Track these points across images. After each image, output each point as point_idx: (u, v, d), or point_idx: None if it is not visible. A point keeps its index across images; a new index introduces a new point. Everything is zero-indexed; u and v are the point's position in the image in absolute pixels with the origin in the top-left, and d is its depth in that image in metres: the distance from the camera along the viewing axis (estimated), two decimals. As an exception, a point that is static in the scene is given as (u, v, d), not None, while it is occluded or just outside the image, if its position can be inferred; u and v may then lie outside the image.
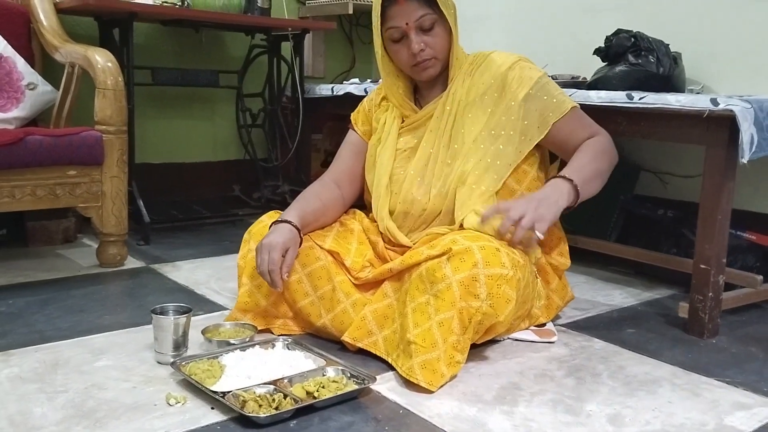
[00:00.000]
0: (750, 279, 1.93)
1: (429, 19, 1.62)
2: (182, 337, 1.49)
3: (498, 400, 1.37)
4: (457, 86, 1.70)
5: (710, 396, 1.42)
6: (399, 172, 1.73)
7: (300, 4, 3.47)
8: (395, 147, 1.74)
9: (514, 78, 1.66)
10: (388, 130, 1.77)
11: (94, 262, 2.26)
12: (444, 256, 1.43)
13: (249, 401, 1.25)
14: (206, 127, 3.24)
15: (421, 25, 1.62)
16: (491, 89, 1.68)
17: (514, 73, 1.67)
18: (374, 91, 1.89)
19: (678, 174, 2.49)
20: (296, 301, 1.63)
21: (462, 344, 1.43)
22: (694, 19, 2.41)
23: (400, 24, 1.62)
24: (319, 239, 1.67)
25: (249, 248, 1.69)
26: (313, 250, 1.64)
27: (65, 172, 2.09)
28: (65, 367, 1.46)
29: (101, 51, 2.25)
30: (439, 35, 1.65)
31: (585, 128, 1.70)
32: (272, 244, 1.55)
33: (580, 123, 1.70)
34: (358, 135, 1.86)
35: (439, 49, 1.66)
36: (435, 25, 1.63)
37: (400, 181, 1.72)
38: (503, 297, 1.42)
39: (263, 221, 1.72)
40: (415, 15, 1.61)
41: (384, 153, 1.75)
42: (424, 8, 1.62)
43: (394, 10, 1.63)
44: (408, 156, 1.73)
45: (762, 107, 1.68)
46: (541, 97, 1.66)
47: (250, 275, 1.67)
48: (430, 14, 1.62)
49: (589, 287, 2.19)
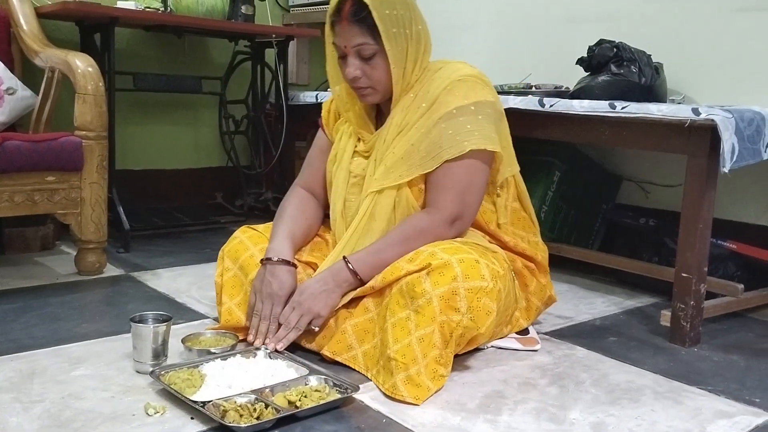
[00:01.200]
0: (731, 288, 1.95)
1: (369, 49, 1.55)
2: (162, 345, 1.47)
3: (482, 409, 1.36)
4: (397, 112, 1.62)
5: (693, 404, 1.43)
6: (351, 199, 1.67)
7: (284, 11, 3.46)
8: (349, 170, 1.68)
9: (443, 101, 1.57)
10: (343, 148, 1.71)
11: (73, 270, 2.23)
12: (423, 271, 1.42)
13: (230, 411, 1.23)
14: (188, 133, 3.22)
15: (360, 53, 1.56)
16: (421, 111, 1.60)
17: (444, 94, 1.58)
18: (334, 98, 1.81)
19: (659, 183, 2.51)
20: None
21: (445, 358, 1.42)
22: (676, 30, 2.43)
23: (340, 44, 1.58)
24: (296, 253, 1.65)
25: (225, 267, 1.68)
26: None
27: (44, 178, 2.06)
28: (42, 377, 1.43)
29: (82, 56, 2.22)
30: (379, 67, 1.57)
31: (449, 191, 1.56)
32: (277, 296, 1.54)
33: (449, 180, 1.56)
34: (327, 139, 1.80)
35: (376, 79, 1.58)
36: (375, 55, 1.56)
37: (352, 211, 1.66)
38: (484, 309, 1.41)
39: (237, 238, 1.71)
40: (353, 41, 1.55)
41: (339, 175, 1.70)
42: (365, 37, 1.54)
43: (337, 28, 1.58)
44: (359, 183, 1.67)
45: (743, 117, 1.70)
46: (443, 129, 1.55)
47: (228, 294, 1.65)
48: (371, 45, 1.55)
49: (571, 295, 2.19)
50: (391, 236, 1.56)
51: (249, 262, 1.65)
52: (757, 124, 1.73)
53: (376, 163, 1.64)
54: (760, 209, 2.28)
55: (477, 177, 1.59)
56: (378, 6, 1.53)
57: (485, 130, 1.57)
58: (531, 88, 2.40)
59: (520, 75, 2.64)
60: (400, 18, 1.56)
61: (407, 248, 1.51)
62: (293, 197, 1.77)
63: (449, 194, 1.56)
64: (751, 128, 1.71)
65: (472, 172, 1.58)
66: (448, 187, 1.56)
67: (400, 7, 1.56)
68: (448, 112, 1.56)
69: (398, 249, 1.53)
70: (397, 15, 1.55)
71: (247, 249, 1.67)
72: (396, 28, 1.55)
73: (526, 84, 2.46)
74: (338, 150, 1.73)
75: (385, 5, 1.54)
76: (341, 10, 1.56)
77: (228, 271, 1.68)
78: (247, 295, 1.63)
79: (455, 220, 1.56)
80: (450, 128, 1.56)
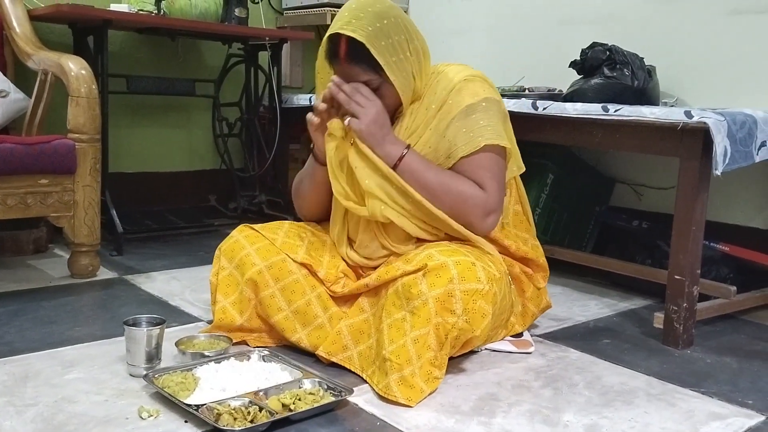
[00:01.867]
0: (724, 290, 1.95)
1: (374, 83, 1.56)
2: (155, 349, 1.47)
3: (476, 411, 1.36)
4: (405, 118, 1.63)
5: (685, 406, 1.43)
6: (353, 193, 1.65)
7: (278, 13, 3.47)
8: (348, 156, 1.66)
9: (453, 102, 1.58)
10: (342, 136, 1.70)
11: (66, 273, 2.23)
12: (420, 272, 1.43)
13: (224, 414, 1.23)
14: (182, 136, 3.22)
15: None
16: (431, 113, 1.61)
17: (454, 95, 1.59)
18: None
19: (652, 186, 2.52)
20: (270, 316, 1.61)
21: (440, 360, 1.42)
22: (668, 34, 2.45)
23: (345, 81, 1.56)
24: (292, 252, 1.64)
25: (221, 266, 1.67)
26: (286, 263, 1.62)
27: (37, 181, 2.06)
28: (35, 380, 1.43)
29: (75, 58, 2.22)
30: (387, 95, 1.57)
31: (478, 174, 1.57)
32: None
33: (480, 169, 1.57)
34: None
35: (387, 105, 1.58)
36: (381, 86, 1.56)
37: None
38: (479, 312, 1.42)
39: (234, 237, 1.70)
40: (358, 79, 1.55)
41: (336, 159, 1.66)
42: (368, 74, 1.54)
43: (337, 69, 1.57)
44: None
45: (735, 120, 1.71)
46: (458, 127, 1.57)
47: (223, 292, 1.65)
48: (376, 79, 1.55)
49: (565, 298, 2.20)
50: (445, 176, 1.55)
51: (245, 261, 1.64)
52: (749, 126, 1.74)
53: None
54: (752, 211, 2.29)
55: (503, 169, 1.61)
56: (373, 41, 1.52)
57: (498, 126, 1.59)
58: (524, 91, 2.40)
59: (514, 78, 2.65)
60: (396, 45, 1.55)
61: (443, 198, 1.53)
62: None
63: (494, 184, 1.57)
64: (743, 131, 1.72)
65: (497, 161, 1.59)
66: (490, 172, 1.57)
67: (394, 33, 1.55)
68: (461, 110, 1.57)
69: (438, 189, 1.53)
70: (392, 43, 1.54)
71: (244, 248, 1.66)
72: (395, 56, 1.55)
73: (520, 87, 2.47)
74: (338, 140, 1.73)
75: (379, 37, 1.53)
76: (337, 52, 1.55)
77: (223, 269, 1.67)
78: (242, 295, 1.63)
79: (493, 213, 1.58)
80: (464, 126, 1.57)
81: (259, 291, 1.61)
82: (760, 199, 2.27)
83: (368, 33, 1.52)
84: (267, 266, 1.61)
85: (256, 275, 1.61)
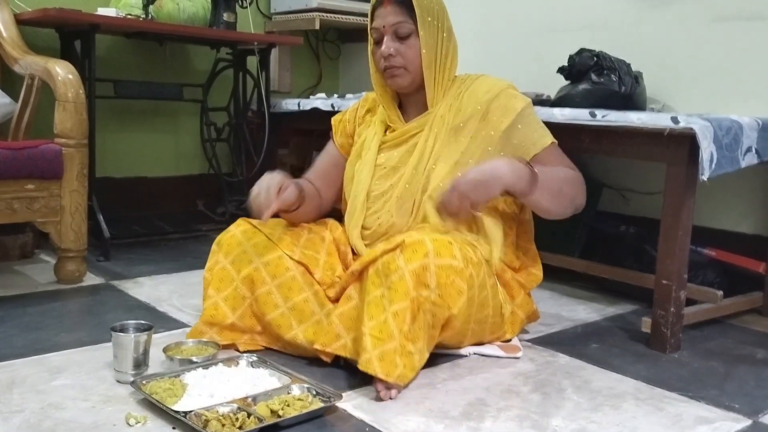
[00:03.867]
0: (711, 294, 1.97)
1: (406, 27, 1.64)
2: (143, 355, 1.46)
3: (465, 417, 1.36)
4: (444, 109, 1.69)
5: (673, 410, 1.44)
6: (378, 188, 1.72)
7: (266, 18, 3.46)
8: (374, 163, 1.74)
9: (498, 107, 1.66)
10: (368, 146, 1.77)
11: (52, 279, 2.21)
12: (397, 249, 1.44)
13: (212, 420, 1.23)
14: (170, 140, 3.20)
15: (397, 31, 1.65)
16: (475, 116, 1.67)
17: (499, 101, 1.67)
18: (360, 102, 1.91)
19: (640, 191, 2.53)
20: (265, 314, 1.60)
21: (413, 334, 1.42)
22: (655, 40, 2.46)
23: (379, 26, 1.66)
24: (288, 249, 1.64)
25: (217, 260, 1.66)
26: (282, 260, 1.62)
27: (23, 186, 2.04)
28: (21, 386, 1.42)
29: (62, 63, 2.21)
30: (414, 47, 1.66)
31: (561, 164, 1.69)
32: (272, 177, 1.62)
33: (558, 159, 1.69)
34: (335, 146, 1.89)
35: (410, 59, 1.66)
36: (411, 36, 1.65)
37: (378, 199, 1.71)
38: (454, 288, 1.43)
39: (231, 231, 1.69)
40: (393, 19, 1.64)
41: (363, 169, 1.75)
42: (404, 16, 1.64)
43: (378, 11, 1.67)
44: (388, 174, 1.72)
45: (721, 126, 1.72)
46: (522, 130, 1.66)
47: (216, 287, 1.64)
48: (408, 24, 1.64)
49: (553, 302, 2.20)
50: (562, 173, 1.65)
51: (242, 257, 1.63)
52: (735, 132, 1.76)
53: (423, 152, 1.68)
54: (739, 216, 2.31)
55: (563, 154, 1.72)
56: None
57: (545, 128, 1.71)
58: (512, 97, 2.41)
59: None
60: (435, 11, 1.67)
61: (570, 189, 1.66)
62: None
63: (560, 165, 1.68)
64: (729, 136, 1.74)
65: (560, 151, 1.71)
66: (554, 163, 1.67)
67: (436, 4, 1.68)
68: (519, 113, 1.66)
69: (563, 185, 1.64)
70: (433, 8, 1.67)
71: (240, 244, 1.65)
72: (431, 18, 1.66)
73: (508, 92, 2.48)
74: (362, 149, 1.79)
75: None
76: None
77: (218, 263, 1.65)
78: (236, 292, 1.62)
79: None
80: (527, 126, 1.67)
81: (255, 288, 1.61)
82: (746, 204, 2.29)
83: None
84: (264, 263, 1.61)
85: (252, 272, 1.61)
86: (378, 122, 1.80)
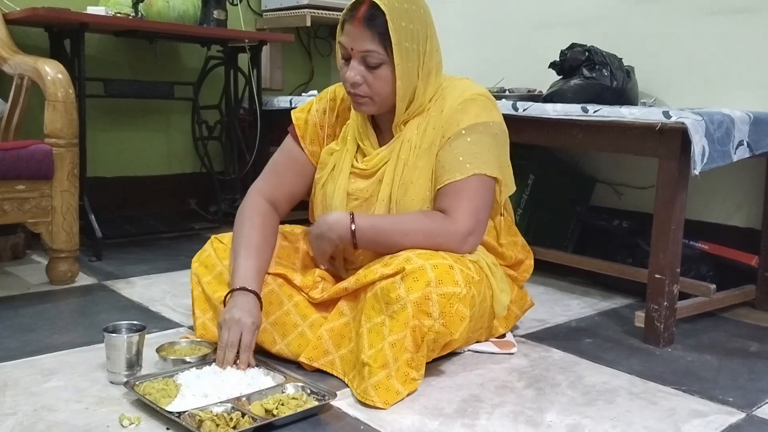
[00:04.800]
0: (703, 288, 1.97)
1: (375, 57, 1.49)
2: (136, 355, 1.45)
3: (459, 413, 1.36)
4: (411, 132, 1.58)
5: (667, 404, 1.44)
6: None
7: (257, 15, 3.45)
8: (346, 190, 1.62)
9: (449, 118, 1.56)
10: (339, 167, 1.65)
11: (44, 280, 2.20)
12: (398, 276, 1.41)
13: (206, 421, 1.22)
14: (161, 139, 3.19)
15: (366, 60, 1.50)
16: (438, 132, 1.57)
17: (453, 112, 1.56)
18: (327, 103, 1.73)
19: (632, 185, 2.53)
20: None
21: (416, 362, 1.42)
22: (646, 35, 2.46)
23: (347, 45, 1.51)
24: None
25: (197, 281, 1.64)
26: None
27: (13, 187, 2.03)
28: (14, 389, 1.41)
29: (51, 62, 2.19)
30: (382, 79, 1.51)
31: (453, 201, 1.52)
32: (244, 325, 1.44)
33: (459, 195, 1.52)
34: (304, 154, 1.71)
35: (377, 90, 1.52)
36: (381, 66, 1.50)
37: None
38: (457, 315, 1.41)
39: (207, 251, 1.66)
40: (362, 45, 1.49)
41: (335, 195, 1.63)
42: (375, 44, 1.48)
43: (348, 28, 1.51)
44: (361, 206, 1.61)
45: (713, 120, 1.72)
46: (450, 151, 1.54)
47: (201, 308, 1.62)
48: (379, 54, 1.49)
49: (546, 298, 2.21)
50: (402, 224, 1.53)
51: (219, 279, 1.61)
52: (727, 126, 1.76)
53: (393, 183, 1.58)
54: (731, 210, 2.32)
55: (487, 195, 1.56)
56: (395, 16, 1.48)
57: (488, 154, 1.55)
58: (504, 92, 2.41)
59: (494, 79, 2.66)
60: (415, 33, 1.51)
61: (410, 244, 1.48)
62: (255, 215, 1.64)
63: (467, 207, 1.52)
64: (720, 130, 1.74)
65: (482, 189, 1.55)
66: (466, 199, 1.52)
67: (418, 22, 1.52)
68: (458, 132, 1.54)
69: (401, 240, 1.50)
70: (413, 29, 1.50)
71: (216, 265, 1.63)
72: (409, 42, 1.50)
73: (500, 88, 2.48)
74: (334, 169, 1.66)
75: (402, 17, 1.49)
76: (356, 13, 1.49)
77: (198, 285, 1.64)
78: (218, 312, 1.57)
79: (469, 235, 1.52)
80: (456, 149, 1.53)
81: None
82: (738, 197, 2.30)
83: (394, 8, 1.48)
84: None
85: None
86: (350, 140, 1.65)
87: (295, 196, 1.73)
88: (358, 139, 1.65)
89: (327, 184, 1.66)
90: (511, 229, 1.80)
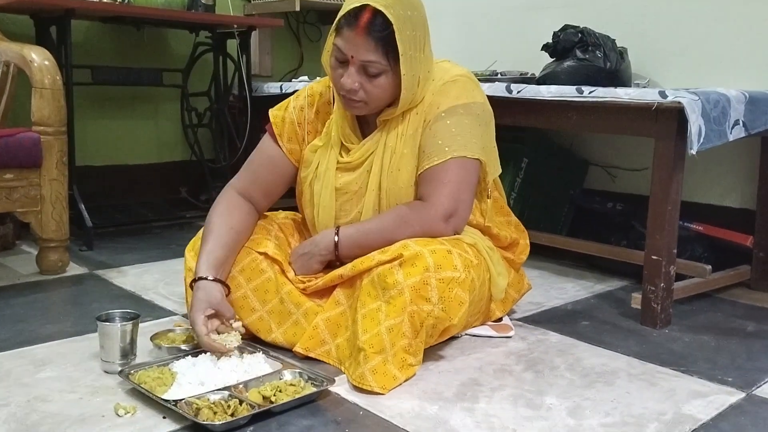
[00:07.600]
0: (699, 269, 1.97)
1: (376, 67, 1.46)
2: (130, 344, 1.44)
3: (459, 397, 1.35)
4: (397, 120, 1.57)
5: (667, 385, 1.44)
6: (345, 216, 1.61)
7: (245, 1, 3.41)
8: (334, 185, 1.61)
9: (433, 103, 1.54)
10: (325, 165, 1.62)
11: (34, 270, 2.17)
12: (395, 262, 1.40)
13: (203, 408, 1.21)
14: (150, 127, 3.16)
15: (366, 69, 1.47)
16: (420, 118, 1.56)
17: (436, 95, 1.55)
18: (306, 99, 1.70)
19: (625, 167, 2.53)
20: (243, 318, 1.54)
21: (414, 347, 1.41)
22: (639, 15, 2.45)
23: (346, 51, 1.47)
24: (261, 247, 1.59)
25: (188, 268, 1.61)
26: (257, 262, 1.57)
27: (1, 176, 2.00)
28: (6, 380, 1.39)
29: (38, 49, 2.15)
30: (381, 87, 1.49)
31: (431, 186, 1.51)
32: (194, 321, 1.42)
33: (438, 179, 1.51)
34: (281, 151, 1.67)
35: (374, 97, 1.50)
36: (381, 75, 1.48)
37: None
38: (456, 300, 1.40)
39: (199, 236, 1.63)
40: (364, 56, 1.45)
41: (323, 193, 1.62)
42: (378, 55, 1.45)
43: (348, 33, 1.46)
44: (351, 200, 1.60)
45: (709, 99, 1.71)
46: (430, 134, 1.53)
47: None
48: (381, 65, 1.46)
49: (542, 281, 2.20)
50: (382, 222, 1.53)
51: None
52: (723, 105, 1.75)
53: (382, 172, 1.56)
54: (725, 190, 2.31)
55: (467, 176, 1.54)
56: (402, 26, 1.44)
57: (469, 135, 1.53)
58: (497, 75, 2.39)
59: (486, 62, 2.64)
60: (418, 40, 1.48)
61: (395, 238, 1.48)
62: (223, 205, 1.63)
63: (443, 190, 1.51)
64: (716, 110, 1.73)
65: (462, 170, 1.53)
66: (443, 182, 1.51)
67: (420, 28, 1.49)
68: (437, 115, 1.53)
69: (385, 236, 1.49)
70: (416, 37, 1.48)
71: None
72: (413, 51, 1.48)
73: (492, 71, 2.46)
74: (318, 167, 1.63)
75: (408, 26, 1.46)
76: (359, 17, 1.44)
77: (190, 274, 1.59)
78: None
79: (450, 217, 1.51)
80: (436, 134, 1.52)
81: (230, 294, 1.55)
82: (733, 178, 2.29)
83: (400, 16, 1.45)
84: (239, 270, 1.56)
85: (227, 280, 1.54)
86: (334, 135, 1.63)
87: (271, 193, 1.70)
88: (341, 133, 1.62)
89: (314, 182, 1.64)
90: (503, 209, 1.79)
